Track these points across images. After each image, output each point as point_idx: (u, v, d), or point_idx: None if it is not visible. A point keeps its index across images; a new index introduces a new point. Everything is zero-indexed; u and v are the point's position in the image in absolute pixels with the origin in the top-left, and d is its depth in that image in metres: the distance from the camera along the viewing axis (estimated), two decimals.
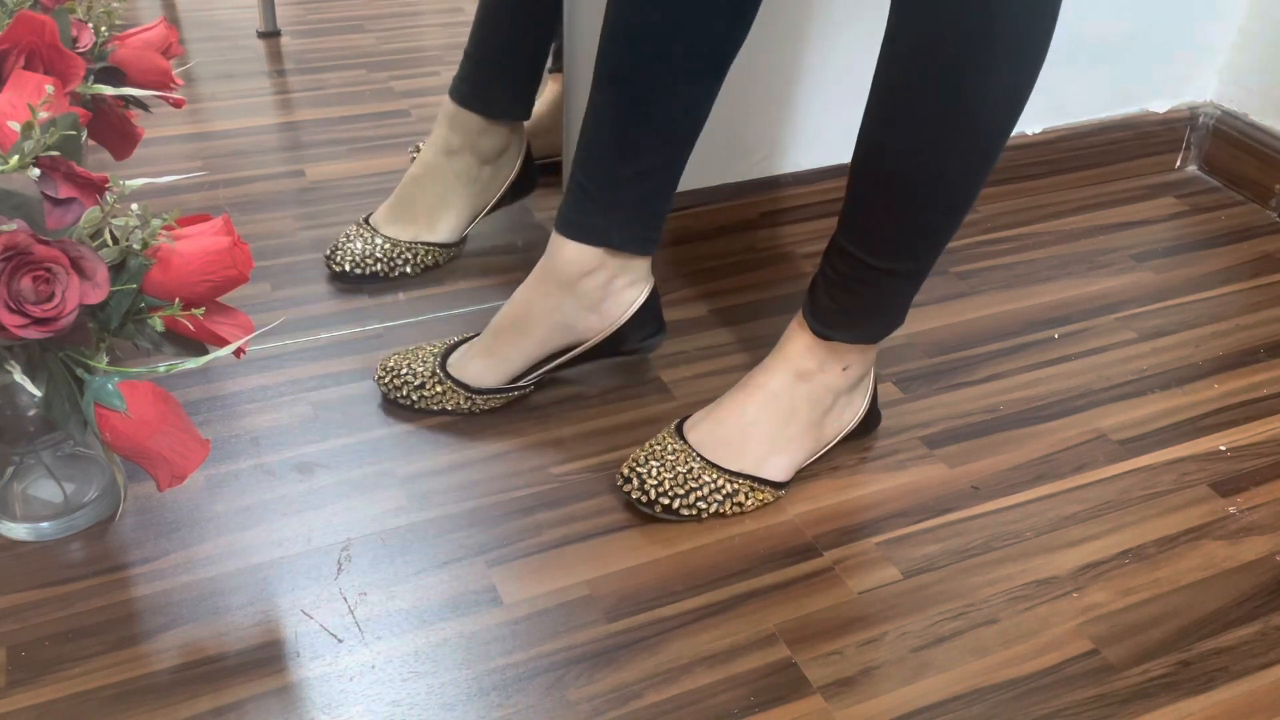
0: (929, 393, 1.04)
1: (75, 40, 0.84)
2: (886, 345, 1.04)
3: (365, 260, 1.15)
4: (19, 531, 0.84)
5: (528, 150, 1.20)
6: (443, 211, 1.17)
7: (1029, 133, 1.36)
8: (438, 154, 1.16)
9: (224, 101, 1.55)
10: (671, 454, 0.89)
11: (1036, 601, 0.83)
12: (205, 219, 0.72)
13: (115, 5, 0.90)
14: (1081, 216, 1.36)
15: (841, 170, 0.93)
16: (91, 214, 0.66)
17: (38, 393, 0.67)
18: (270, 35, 1.76)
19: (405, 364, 0.98)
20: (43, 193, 0.65)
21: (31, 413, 0.78)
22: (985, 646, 0.80)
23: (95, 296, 0.65)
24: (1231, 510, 0.93)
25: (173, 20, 1.79)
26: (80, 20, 0.86)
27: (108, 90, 0.86)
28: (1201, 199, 1.40)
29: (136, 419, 0.67)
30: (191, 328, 0.70)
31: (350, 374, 1.03)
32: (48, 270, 0.63)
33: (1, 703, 0.72)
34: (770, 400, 0.90)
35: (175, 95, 0.93)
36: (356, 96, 1.58)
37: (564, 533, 0.87)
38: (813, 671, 0.77)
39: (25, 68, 0.75)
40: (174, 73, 0.92)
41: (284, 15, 1.80)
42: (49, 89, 0.71)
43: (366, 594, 0.81)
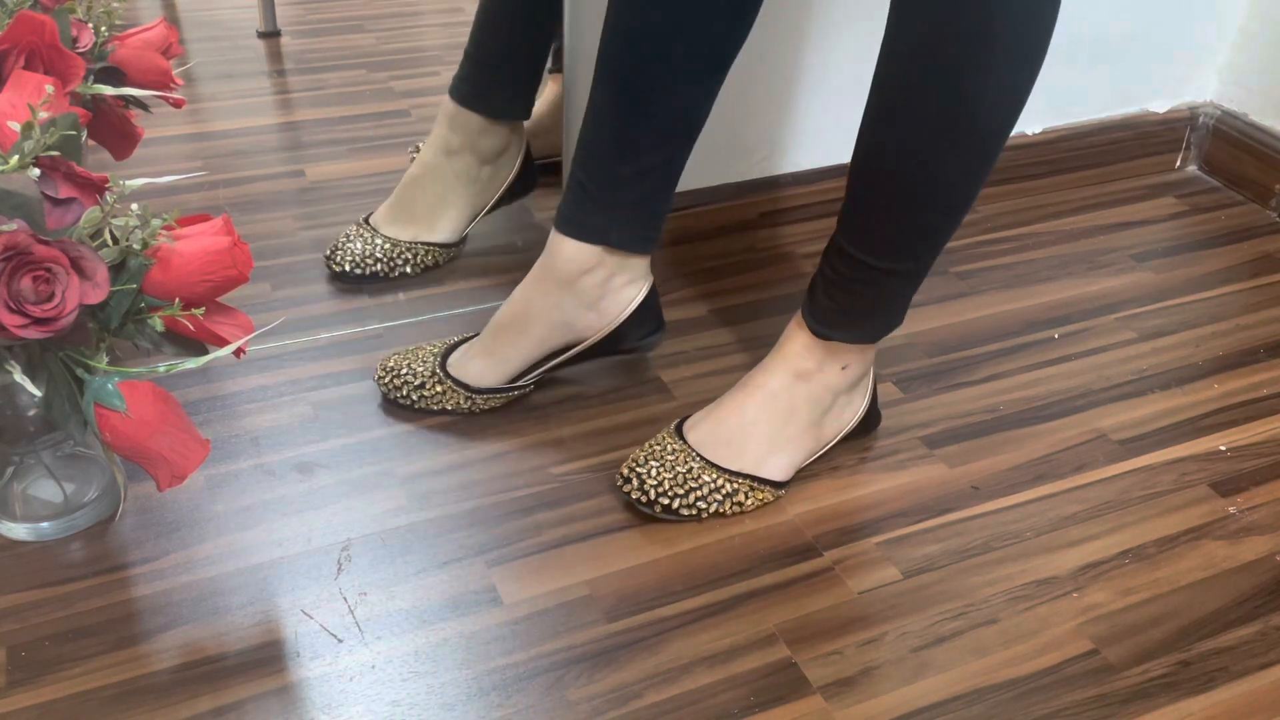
0: (929, 393, 1.04)
1: (75, 40, 0.84)
2: (886, 345, 1.04)
3: (365, 260, 1.15)
4: (19, 531, 0.84)
5: (527, 150, 1.20)
6: (443, 211, 1.17)
7: (1029, 133, 1.36)
8: (437, 154, 1.16)
9: (224, 101, 1.55)
10: (671, 454, 0.89)
11: (1036, 601, 0.83)
12: (205, 219, 0.72)
13: (115, 5, 0.90)
14: (1081, 216, 1.36)
15: (841, 170, 0.93)
16: (91, 214, 0.66)
17: (38, 393, 0.67)
18: (270, 35, 1.76)
19: (405, 364, 0.98)
20: (43, 193, 0.65)
21: (31, 413, 0.78)
22: (985, 646, 0.80)
23: (95, 296, 0.65)
24: (1231, 510, 0.93)
25: (173, 20, 1.79)
26: (80, 20, 0.86)
27: (108, 90, 0.86)
28: (1201, 199, 1.40)
29: (136, 419, 0.67)
30: (191, 328, 0.70)
31: (350, 374, 1.03)
32: (48, 270, 0.63)
33: (1, 703, 0.72)
34: (770, 400, 0.90)
35: (175, 95, 0.93)
36: (356, 96, 1.58)
37: (564, 533, 0.87)
38: (813, 671, 0.77)
39: (25, 68, 0.75)
40: (174, 73, 0.92)
41: (284, 15, 1.80)
42: (49, 89, 0.71)
43: (366, 594, 0.81)
